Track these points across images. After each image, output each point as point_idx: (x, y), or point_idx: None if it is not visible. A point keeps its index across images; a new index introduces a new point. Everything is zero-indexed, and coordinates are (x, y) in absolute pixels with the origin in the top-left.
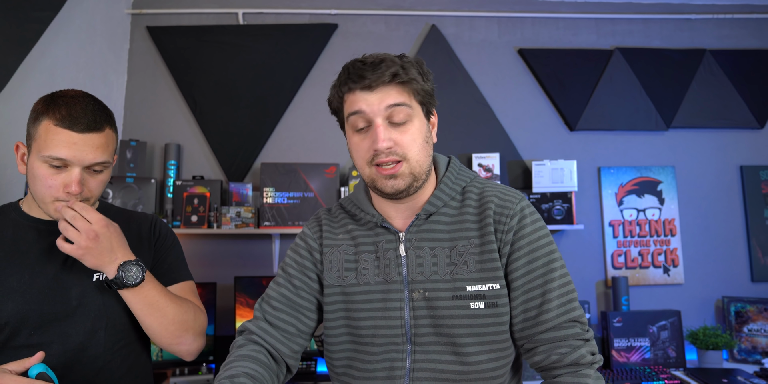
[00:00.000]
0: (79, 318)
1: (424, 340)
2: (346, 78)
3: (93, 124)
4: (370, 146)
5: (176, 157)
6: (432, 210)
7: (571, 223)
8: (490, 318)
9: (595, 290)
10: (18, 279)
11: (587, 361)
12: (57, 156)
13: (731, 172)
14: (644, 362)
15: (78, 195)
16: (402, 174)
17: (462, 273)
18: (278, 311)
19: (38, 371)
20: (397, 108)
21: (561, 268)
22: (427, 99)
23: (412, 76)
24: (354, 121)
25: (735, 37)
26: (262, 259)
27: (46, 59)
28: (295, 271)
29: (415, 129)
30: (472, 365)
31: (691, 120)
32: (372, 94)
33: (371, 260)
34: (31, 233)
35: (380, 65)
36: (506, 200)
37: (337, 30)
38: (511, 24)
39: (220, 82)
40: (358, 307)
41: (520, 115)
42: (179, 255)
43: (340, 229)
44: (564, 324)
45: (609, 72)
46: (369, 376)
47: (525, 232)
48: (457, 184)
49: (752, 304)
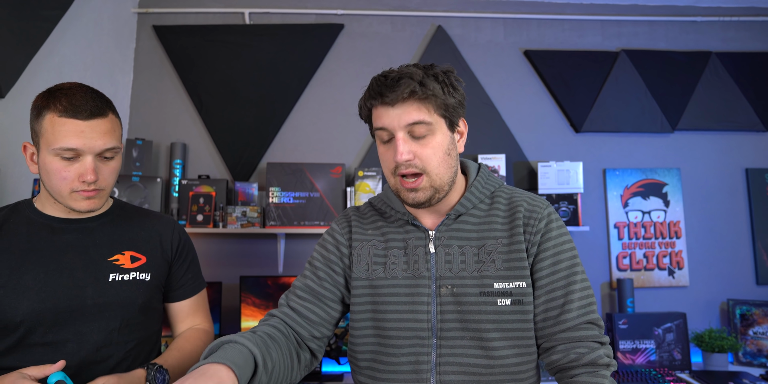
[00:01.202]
0: (94, 317)
1: (450, 335)
2: (369, 94)
3: (96, 110)
4: (393, 158)
5: (182, 157)
6: (462, 211)
7: (577, 224)
8: (516, 315)
9: (600, 292)
10: (33, 277)
11: (604, 363)
12: (68, 146)
13: (736, 175)
14: (649, 364)
15: (94, 183)
16: (423, 188)
17: (489, 270)
18: (302, 299)
19: (57, 379)
20: (416, 125)
21: (582, 272)
22: (450, 112)
23: (431, 93)
24: (380, 134)
25: (740, 40)
26: (267, 258)
27: (54, 58)
28: (320, 263)
29: (435, 143)
30: (498, 359)
31: (696, 122)
32: (393, 109)
33: (400, 256)
34: (45, 231)
35: (399, 82)
36: (535, 205)
37: (344, 30)
38: (517, 25)
39: (226, 81)
40: (384, 300)
41: (525, 116)
42: (197, 263)
43: (370, 225)
44: (583, 325)
45: (614, 74)
46: (394, 369)
47: (552, 235)
48: (486, 189)
49: (758, 306)
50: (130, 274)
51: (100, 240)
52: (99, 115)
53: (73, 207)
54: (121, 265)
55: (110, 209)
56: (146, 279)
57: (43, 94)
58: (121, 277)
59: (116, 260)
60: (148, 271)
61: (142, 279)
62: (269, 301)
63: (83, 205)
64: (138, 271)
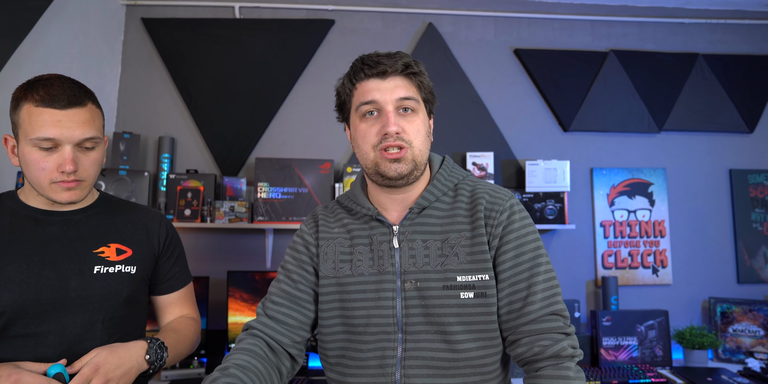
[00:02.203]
0: (77, 309)
1: (414, 329)
2: (360, 66)
3: (74, 99)
4: (380, 130)
5: (170, 151)
6: (425, 204)
7: (563, 222)
8: (478, 307)
9: (585, 290)
10: (15, 268)
11: (568, 354)
12: (44, 136)
13: (720, 176)
14: (632, 361)
15: (73, 174)
16: (405, 159)
17: (453, 264)
18: (278, 305)
19: (56, 371)
20: (406, 101)
21: (546, 263)
22: (430, 97)
23: (421, 69)
24: (364, 109)
25: (727, 42)
26: (255, 253)
27: (39, 49)
28: (293, 266)
29: (420, 121)
30: (462, 353)
31: (682, 123)
32: (384, 82)
33: (365, 252)
34: (29, 222)
35: (395, 55)
36: (497, 197)
37: (334, 26)
38: (508, 24)
39: (216, 75)
40: (352, 297)
41: (514, 114)
42: (184, 257)
43: (336, 223)
44: (547, 317)
45: (603, 74)
46: (361, 365)
47: (514, 228)
48: (449, 181)
49: (738, 304)
50: (116, 267)
51: (85, 232)
52: (77, 105)
53: (54, 198)
54: (107, 257)
55: (96, 202)
56: (132, 272)
57: (21, 86)
58: (106, 270)
59: (101, 252)
60: (134, 264)
61: (128, 272)
62: (257, 295)
63: (63, 197)
64: (123, 264)
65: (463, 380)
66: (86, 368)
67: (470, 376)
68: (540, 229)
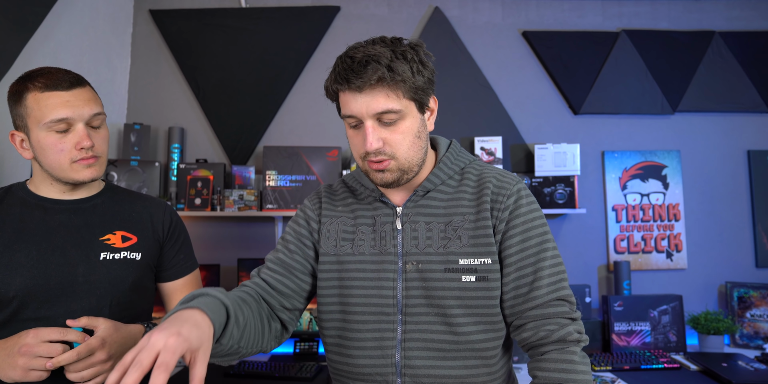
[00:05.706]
0: (85, 294)
1: (414, 311)
2: (335, 77)
3: (75, 81)
4: (362, 145)
5: (180, 141)
6: (430, 187)
7: (574, 207)
8: (480, 291)
9: (596, 275)
10: (26, 255)
11: (574, 339)
12: (58, 117)
13: (738, 157)
14: (644, 346)
15: (91, 149)
16: (390, 169)
17: (455, 247)
18: (272, 271)
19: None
20: (385, 114)
21: (553, 248)
22: (419, 95)
23: (399, 77)
24: (348, 121)
25: (745, 19)
26: (264, 241)
27: (49, 43)
28: (291, 237)
29: (405, 127)
30: (462, 336)
31: (697, 104)
32: (360, 95)
33: (368, 232)
34: (38, 211)
35: (366, 68)
36: (504, 181)
37: (340, 13)
38: (515, 6)
39: (223, 65)
40: (351, 276)
41: (523, 98)
42: (189, 244)
43: (340, 202)
44: (553, 302)
45: (615, 55)
46: (360, 346)
47: (521, 212)
48: (455, 165)
49: (756, 289)
50: (121, 253)
51: (92, 220)
52: (78, 85)
53: (76, 178)
54: (112, 244)
55: (102, 191)
56: (137, 258)
57: (17, 81)
58: (111, 256)
59: (107, 239)
60: (139, 251)
61: (133, 258)
62: None
63: (86, 174)
64: (129, 251)
65: (463, 363)
66: (94, 339)
67: (471, 360)
68: (550, 213)
